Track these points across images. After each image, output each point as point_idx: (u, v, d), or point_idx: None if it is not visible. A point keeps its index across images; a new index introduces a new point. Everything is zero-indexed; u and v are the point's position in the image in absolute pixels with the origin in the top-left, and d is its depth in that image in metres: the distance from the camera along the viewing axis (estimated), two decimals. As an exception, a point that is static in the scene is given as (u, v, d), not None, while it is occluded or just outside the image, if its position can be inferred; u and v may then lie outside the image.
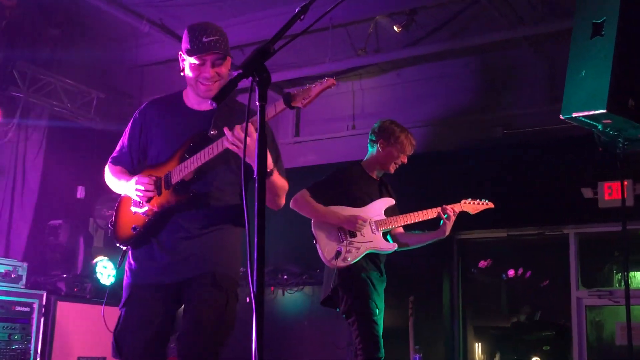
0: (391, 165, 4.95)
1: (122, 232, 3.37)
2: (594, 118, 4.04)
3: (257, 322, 1.98)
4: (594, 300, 8.06)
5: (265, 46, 2.15)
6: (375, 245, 4.75)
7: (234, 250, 3.30)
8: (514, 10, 7.23)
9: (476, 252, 9.02)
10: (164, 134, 3.34)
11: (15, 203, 7.34)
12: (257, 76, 2.13)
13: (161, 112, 3.41)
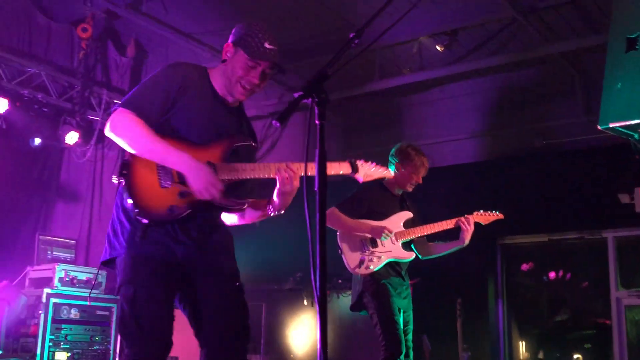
0: (408, 185, 5.12)
1: (154, 208, 2.82)
2: (630, 127, 3.98)
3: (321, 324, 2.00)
4: (632, 300, 7.89)
5: (323, 70, 2.19)
6: (394, 254, 4.94)
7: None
8: (550, 27, 7.15)
9: (519, 256, 8.92)
10: (195, 110, 2.96)
11: (94, 216, 7.50)
12: (316, 97, 2.16)
13: (196, 85, 3.01)
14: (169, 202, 2.82)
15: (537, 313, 9.06)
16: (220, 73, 3.05)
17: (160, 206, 2.81)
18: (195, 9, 7.09)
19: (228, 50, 3.03)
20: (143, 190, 2.81)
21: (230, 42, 3.04)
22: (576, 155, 8.11)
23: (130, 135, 2.80)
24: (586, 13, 6.89)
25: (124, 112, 2.81)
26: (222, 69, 3.03)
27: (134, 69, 8.03)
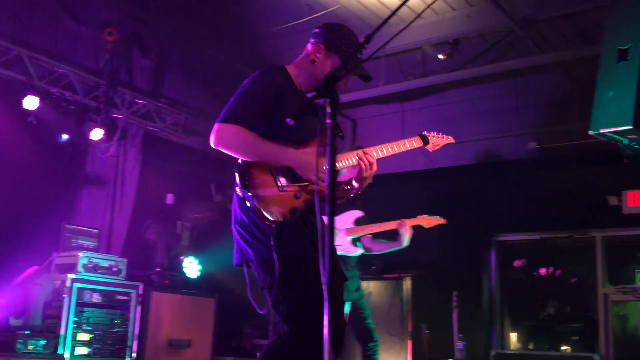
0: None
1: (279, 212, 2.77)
2: (620, 133, 3.97)
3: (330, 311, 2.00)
4: (618, 296, 7.85)
5: (335, 72, 2.19)
6: (343, 249, 5.04)
7: None
8: (546, 38, 7.13)
9: (512, 252, 8.89)
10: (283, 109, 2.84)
11: (116, 208, 7.51)
12: (328, 97, 2.17)
13: (286, 88, 2.94)
14: (290, 204, 2.79)
15: (528, 306, 9.03)
16: (304, 72, 3.00)
17: (283, 209, 2.77)
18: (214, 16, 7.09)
19: (319, 53, 3.00)
20: (266, 196, 2.78)
21: (322, 45, 3.00)
22: (568, 160, 8.09)
23: (241, 146, 2.76)
24: (580, 26, 6.87)
25: (229, 127, 2.77)
26: (310, 69, 2.99)
27: (156, 72, 8.04)
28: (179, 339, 6.64)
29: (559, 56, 7.34)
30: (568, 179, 8.01)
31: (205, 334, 6.90)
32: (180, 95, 8.32)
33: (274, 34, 7.25)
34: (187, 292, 6.90)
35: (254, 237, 2.82)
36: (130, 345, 6.20)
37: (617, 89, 3.96)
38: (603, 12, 5.92)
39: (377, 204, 5.74)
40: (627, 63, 3.95)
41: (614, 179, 7.51)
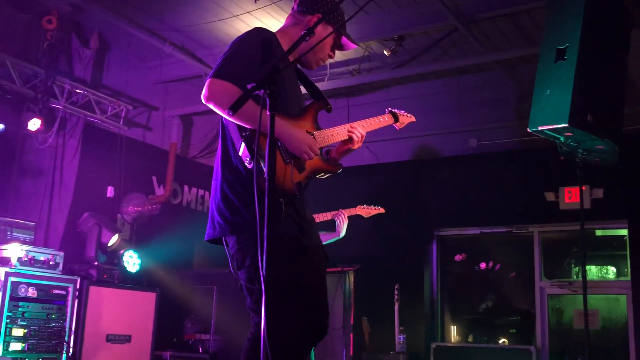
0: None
1: (287, 184, 2.68)
2: (557, 131, 4.05)
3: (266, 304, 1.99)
4: (554, 290, 8.07)
5: (275, 64, 2.17)
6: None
7: None
8: (488, 37, 7.25)
9: (453, 247, 9.04)
10: (284, 82, 2.78)
11: (54, 200, 7.33)
12: (268, 89, 2.14)
13: (277, 52, 2.83)
14: (296, 177, 2.72)
15: (468, 300, 9.20)
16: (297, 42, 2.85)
17: (291, 182, 2.69)
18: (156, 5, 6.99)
19: (310, 21, 2.97)
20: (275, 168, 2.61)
21: (319, 15, 2.95)
22: (508, 156, 8.26)
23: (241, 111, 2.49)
24: (521, 25, 7.01)
25: (221, 83, 2.63)
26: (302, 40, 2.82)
27: (96, 61, 7.86)
28: (118, 333, 6.52)
29: (500, 55, 7.49)
30: (507, 175, 8.18)
31: (145, 328, 6.79)
32: (121, 85, 8.16)
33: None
34: (126, 286, 6.78)
35: (235, 213, 2.69)
36: (67, 340, 6.06)
37: (554, 87, 4.05)
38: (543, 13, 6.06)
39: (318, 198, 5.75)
40: (565, 62, 4.04)
41: (552, 175, 7.70)
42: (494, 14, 6.71)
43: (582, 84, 3.94)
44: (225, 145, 2.80)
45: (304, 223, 2.80)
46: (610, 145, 4.15)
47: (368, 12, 6.79)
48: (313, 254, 2.80)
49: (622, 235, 7.95)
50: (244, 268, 2.67)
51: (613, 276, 8.18)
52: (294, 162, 2.72)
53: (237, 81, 2.61)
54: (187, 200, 9.15)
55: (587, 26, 3.99)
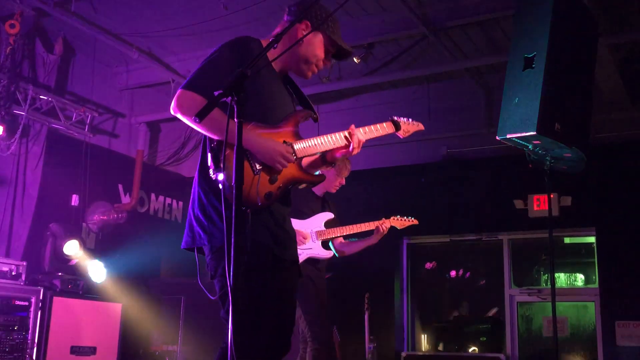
0: (332, 187, 5.14)
1: (252, 194, 2.64)
2: (525, 139, 4.08)
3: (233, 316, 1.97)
4: (524, 297, 8.15)
5: (243, 70, 2.15)
6: (314, 253, 4.96)
7: None
8: (457, 45, 7.32)
9: (423, 254, 9.08)
10: (258, 90, 2.76)
11: (16, 209, 7.20)
12: (235, 96, 2.13)
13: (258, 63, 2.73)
14: (265, 188, 2.66)
15: (438, 308, 9.25)
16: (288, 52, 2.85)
17: (257, 193, 2.64)
18: (122, 10, 6.93)
19: (304, 30, 2.92)
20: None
21: (307, 22, 2.93)
22: (477, 164, 8.33)
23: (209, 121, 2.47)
24: (490, 34, 7.09)
25: (190, 95, 2.61)
26: (294, 47, 2.85)
27: (60, 67, 7.76)
28: (83, 345, 6.42)
29: (470, 63, 7.56)
30: (477, 182, 8.26)
31: (110, 340, 6.70)
32: (87, 91, 8.07)
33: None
34: (91, 297, 6.69)
35: (211, 223, 2.67)
36: (30, 353, 5.95)
37: (522, 96, 4.08)
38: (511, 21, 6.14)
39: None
40: (533, 71, 4.07)
41: (520, 183, 7.79)
42: (463, 22, 6.77)
43: (550, 92, 3.99)
44: (203, 155, 2.77)
45: (280, 233, 2.76)
46: (577, 153, 4.20)
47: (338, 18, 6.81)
48: (285, 268, 2.78)
49: (590, 243, 8.07)
50: (217, 277, 2.66)
51: (581, 283, 8.29)
52: (265, 172, 2.68)
53: (205, 92, 2.58)
54: (154, 208, 9.06)
55: (555, 34, 4.04)
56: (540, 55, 4.05)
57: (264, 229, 2.68)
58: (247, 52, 2.76)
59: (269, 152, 2.66)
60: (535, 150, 4.24)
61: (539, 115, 3.92)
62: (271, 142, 2.70)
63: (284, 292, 2.77)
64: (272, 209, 2.74)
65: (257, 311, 2.59)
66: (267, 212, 2.72)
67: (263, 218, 2.69)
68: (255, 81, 2.69)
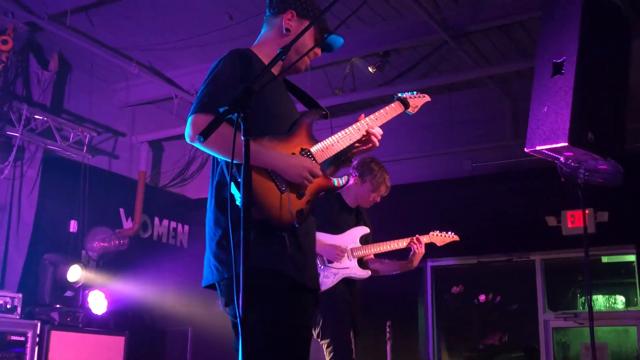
0: (366, 202, 4.97)
1: (285, 216, 2.63)
2: (556, 151, 4.08)
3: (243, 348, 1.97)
4: (559, 323, 8.07)
5: (249, 85, 2.16)
6: (351, 272, 4.75)
7: None
8: (480, 51, 7.33)
9: (449, 278, 9.02)
10: (262, 100, 2.72)
11: (11, 237, 7.25)
12: (242, 112, 2.13)
13: (257, 69, 2.77)
14: (295, 206, 2.65)
15: (467, 336, 9.17)
16: (276, 48, 2.84)
17: (290, 213, 2.63)
18: (121, 22, 7.00)
19: (292, 20, 2.93)
20: (271, 201, 2.61)
21: (293, 11, 2.93)
22: (505, 179, 8.29)
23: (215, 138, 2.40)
24: (515, 38, 7.09)
25: (199, 119, 2.59)
26: (285, 41, 2.84)
27: (56, 84, 7.85)
28: (83, 383, 6.44)
29: (494, 70, 7.56)
30: (505, 199, 8.20)
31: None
32: (85, 110, 8.14)
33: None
34: (92, 330, 6.70)
35: (229, 253, 2.59)
36: (27, 392, 5.97)
37: (551, 104, 4.08)
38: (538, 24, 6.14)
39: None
40: (562, 77, 4.07)
41: (553, 198, 7.73)
42: (486, 27, 6.78)
43: (581, 99, 3.98)
44: (219, 185, 2.75)
45: (299, 256, 2.73)
46: (613, 164, 4.18)
47: (350, 27, 6.85)
48: (303, 295, 2.75)
49: (631, 262, 7.98)
50: (232, 305, 2.64)
51: (622, 306, 8.20)
52: (292, 188, 2.67)
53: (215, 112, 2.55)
54: (157, 233, 9.09)
55: (585, 38, 4.04)
56: (569, 60, 4.05)
57: (281, 254, 2.66)
58: (248, 64, 2.78)
59: (295, 169, 2.66)
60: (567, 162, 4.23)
61: (570, 125, 3.92)
62: (295, 158, 2.70)
63: (300, 321, 2.74)
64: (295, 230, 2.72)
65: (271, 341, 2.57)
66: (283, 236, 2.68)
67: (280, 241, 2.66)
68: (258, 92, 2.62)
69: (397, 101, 3.25)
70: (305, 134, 2.84)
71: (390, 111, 3.16)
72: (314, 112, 2.95)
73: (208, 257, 2.75)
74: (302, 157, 2.73)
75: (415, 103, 3.34)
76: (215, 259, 2.69)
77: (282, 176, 2.65)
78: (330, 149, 2.87)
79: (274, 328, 2.58)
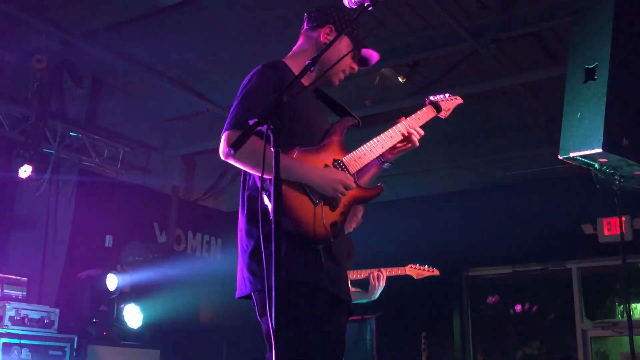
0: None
1: (318, 229, 2.59)
2: (590, 157, 4.03)
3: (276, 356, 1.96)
4: (598, 332, 7.95)
5: (278, 96, 2.17)
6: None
7: None
8: (511, 58, 7.27)
9: (484, 288, 8.95)
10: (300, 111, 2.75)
11: (48, 252, 7.35)
12: (272, 124, 2.13)
13: (285, 82, 2.75)
14: (329, 219, 2.64)
15: (504, 347, 9.07)
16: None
17: (324, 226, 2.61)
18: (152, 39, 7.08)
19: (330, 35, 2.95)
20: (305, 215, 2.59)
21: (332, 25, 2.95)
22: (539, 187, 8.21)
23: (248, 154, 2.54)
24: (546, 44, 7.02)
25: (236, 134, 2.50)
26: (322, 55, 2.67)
27: (90, 101, 7.96)
28: (120, 396, 6.49)
29: (525, 77, 7.49)
30: (540, 207, 8.13)
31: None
32: (118, 125, 8.24)
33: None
34: (128, 343, 6.76)
35: (262, 267, 2.58)
36: (65, 405, 6.03)
37: (585, 110, 4.03)
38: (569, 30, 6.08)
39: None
40: (595, 82, 4.03)
41: (588, 206, 7.64)
42: (516, 34, 6.73)
43: (616, 104, 3.93)
44: (250, 199, 2.74)
45: (334, 268, 2.71)
46: (649, 170, 4.12)
47: (379, 37, 6.84)
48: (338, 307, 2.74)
49: (670, 269, 7.85)
50: (265, 316, 2.61)
51: (662, 314, 8.06)
52: (325, 201, 2.65)
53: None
54: (191, 247, 9.15)
55: (617, 42, 3.99)
56: (602, 65, 4.00)
57: (316, 266, 2.63)
58: (280, 77, 2.78)
59: (329, 183, 2.64)
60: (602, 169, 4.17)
61: (604, 131, 3.87)
62: (328, 171, 2.69)
63: (334, 334, 2.72)
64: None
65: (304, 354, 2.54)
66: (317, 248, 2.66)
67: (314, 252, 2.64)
68: (289, 103, 2.57)
69: (429, 105, 3.23)
70: (336, 144, 2.82)
71: (422, 115, 3.15)
72: (345, 122, 2.93)
73: (241, 269, 2.74)
74: (335, 170, 2.72)
75: (448, 106, 3.30)
76: (248, 271, 2.68)
77: (315, 189, 2.63)
78: (363, 158, 2.85)
79: (308, 340, 2.56)
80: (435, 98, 3.26)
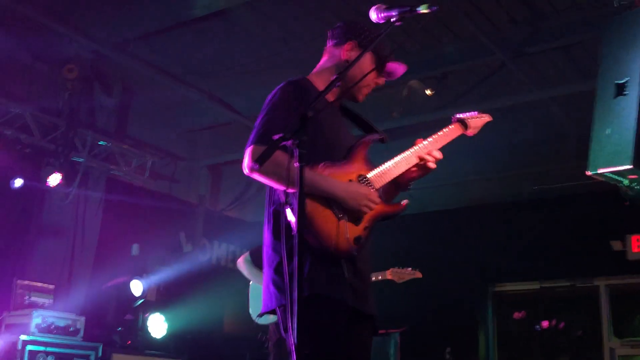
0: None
1: (341, 243, 2.58)
2: (619, 173, 3.98)
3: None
4: (626, 350, 7.85)
5: (304, 112, 2.17)
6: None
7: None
8: (540, 72, 7.22)
9: (510, 303, 8.87)
10: (317, 126, 2.67)
11: (75, 261, 7.42)
12: (296, 139, 2.14)
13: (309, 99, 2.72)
14: (353, 233, 2.63)
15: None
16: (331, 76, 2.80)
17: (347, 240, 2.60)
18: (182, 49, 7.14)
19: (353, 51, 2.92)
20: (328, 229, 2.58)
21: (356, 41, 2.92)
22: (567, 202, 8.14)
23: (273, 169, 2.52)
24: (576, 58, 6.97)
25: (261, 149, 2.49)
26: (344, 70, 2.75)
27: (120, 111, 8.05)
28: (144, 405, 6.51)
29: (555, 91, 7.43)
30: (568, 223, 8.06)
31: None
32: (146, 135, 8.32)
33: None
34: (152, 353, 6.78)
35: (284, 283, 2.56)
36: (89, 413, 6.07)
37: (614, 125, 3.99)
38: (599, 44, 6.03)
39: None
40: (625, 98, 3.98)
41: (617, 222, 7.56)
42: (545, 48, 6.69)
43: (646, 120, 3.88)
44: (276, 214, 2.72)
45: (359, 284, 2.68)
46: (680, 187, 4.06)
47: (407, 49, 6.84)
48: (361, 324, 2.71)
49: (701, 287, 7.74)
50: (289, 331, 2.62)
51: (692, 333, 7.94)
52: (349, 215, 2.64)
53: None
54: (217, 256, 9.18)
55: (649, 58, 3.95)
56: (633, 80, 3.96)
57: (341, 281, 2.60)
58: (304, 94, 2.76)
59: (354, 198, 2.64)
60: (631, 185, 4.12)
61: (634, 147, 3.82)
62: (354, 186, 2.68)
63: (358, 348, 2.70)
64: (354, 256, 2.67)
65: None
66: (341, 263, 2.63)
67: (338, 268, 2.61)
68: (313, 119, 2.53)
69: (457, 122, 3.17)
70: (361, 159, 2.81)
71: (449, 133, 3.10)
72: (370, 137, 2.92)
73: (267, 284, 2.74)
74: (360, 185, 2.71)
75: (475, 124, 3.23)
76: (273, 285, 2.68)
77: (340, 204, 2.63)
78: (388, 174, 2.83)
79: (331, 357, 2.54)
80: (462, 116, 3.18)
